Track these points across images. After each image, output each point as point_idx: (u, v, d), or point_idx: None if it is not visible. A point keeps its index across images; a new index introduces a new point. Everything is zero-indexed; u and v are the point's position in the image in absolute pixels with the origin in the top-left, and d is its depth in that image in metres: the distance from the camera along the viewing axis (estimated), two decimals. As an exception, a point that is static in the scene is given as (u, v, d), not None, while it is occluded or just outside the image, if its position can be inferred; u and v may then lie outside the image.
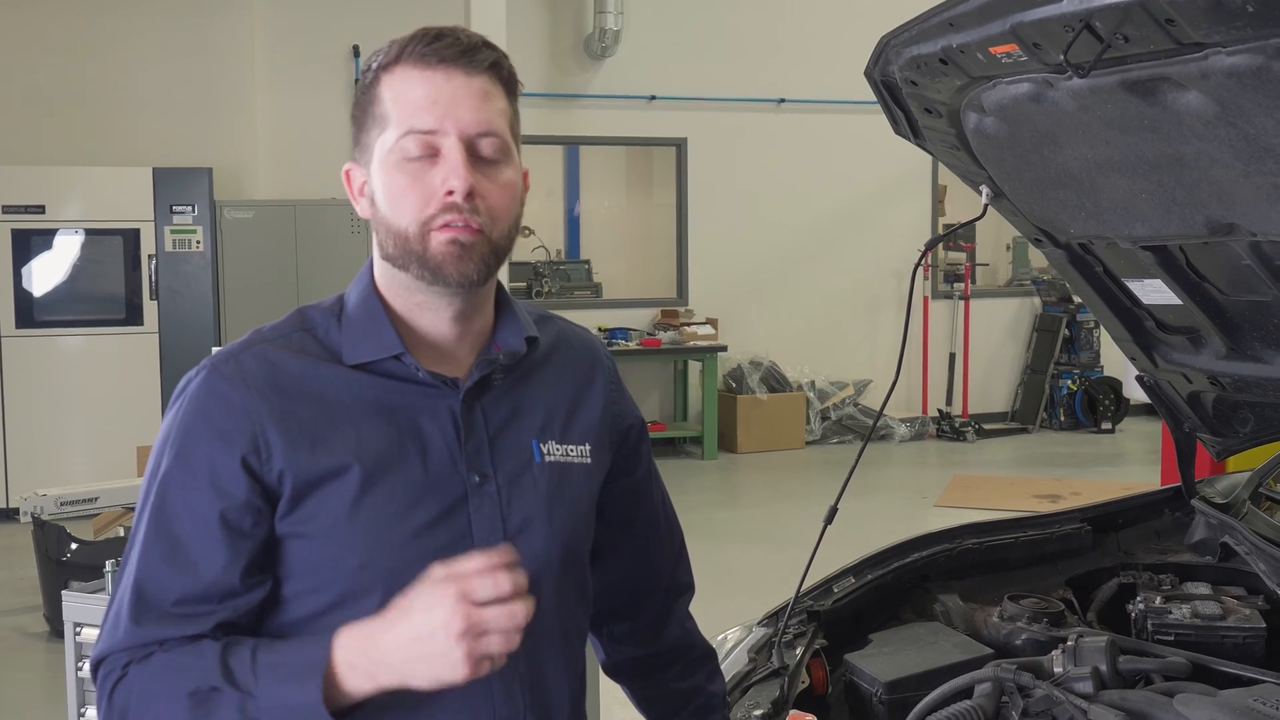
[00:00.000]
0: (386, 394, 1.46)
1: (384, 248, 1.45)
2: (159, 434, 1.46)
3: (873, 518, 7.56)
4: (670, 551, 1.82)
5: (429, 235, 1.40)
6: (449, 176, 1.39)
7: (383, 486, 1.43)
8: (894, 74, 2.15)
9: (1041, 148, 2.07)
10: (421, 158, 1.40)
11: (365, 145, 1.45)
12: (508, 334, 1.54)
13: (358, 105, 1.47)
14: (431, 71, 1.41)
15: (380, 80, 1.43)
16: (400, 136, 1.40)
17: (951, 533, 2.65)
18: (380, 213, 1.43)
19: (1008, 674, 2.06)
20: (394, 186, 1.41)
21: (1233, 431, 2.61)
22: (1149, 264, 2.24)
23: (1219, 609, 2.36)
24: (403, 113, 1.40)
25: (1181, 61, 1.62)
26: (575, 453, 1.59)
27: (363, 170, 1.46)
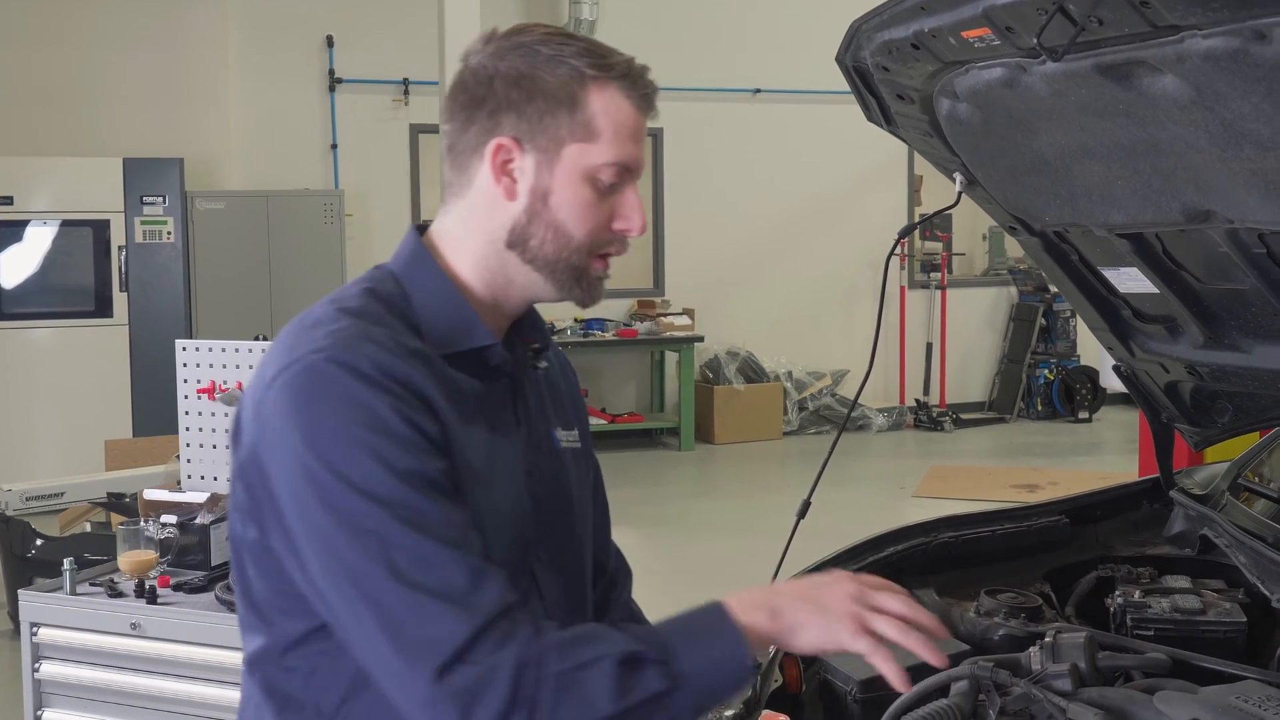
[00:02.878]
0: (477, 384, 1.45)
1: (530, 244, 1.43)
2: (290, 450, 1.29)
3: (850, 509, 7.53)
4: (608, 537, 1.83)
5: (593, 258, 1.45)
6: (632, 216, 1.45)
7: (491, 483, 1.42)
8: (865, 60, 2.11)
9: (1015, 134, 2.03)
10: (612, 185, 1.43)
11: (542, 133, 1.41)
12: (535, 328, 1.58)
13: (533, 82, 1.41)
14: (640, 109, 1.45)
15: (590, 87, 1.41)
16: (609, 163, 1.42)
17: (927, 526, 2.61)
18: (554, 215, 1.42)
19: (984, 672, 2.02)
20: (584, 200, 1.42)
21: (1211, 422, 2.58)
22: (1125, 252, 2.20)
23: (1199, 603, 2.33)
24: (617, 140, 1.42)
25: (1157, 45, 1.58)
26: (572, 439, 1.63)
27: (529, 156, 1.42)
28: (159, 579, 3.06)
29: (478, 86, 1.42)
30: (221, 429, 3.42)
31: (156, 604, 2.95)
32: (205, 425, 3.44)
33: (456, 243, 1.47)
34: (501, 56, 1.42)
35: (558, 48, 1.41)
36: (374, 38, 9.75)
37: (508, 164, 1.42)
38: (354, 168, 9.76)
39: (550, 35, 1.43)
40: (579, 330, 9.90)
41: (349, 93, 9.80)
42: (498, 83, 1.41)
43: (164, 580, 3.06)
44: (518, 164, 1.42)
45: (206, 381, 3.39)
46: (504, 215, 1.43)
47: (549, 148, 1.41)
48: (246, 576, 1.40)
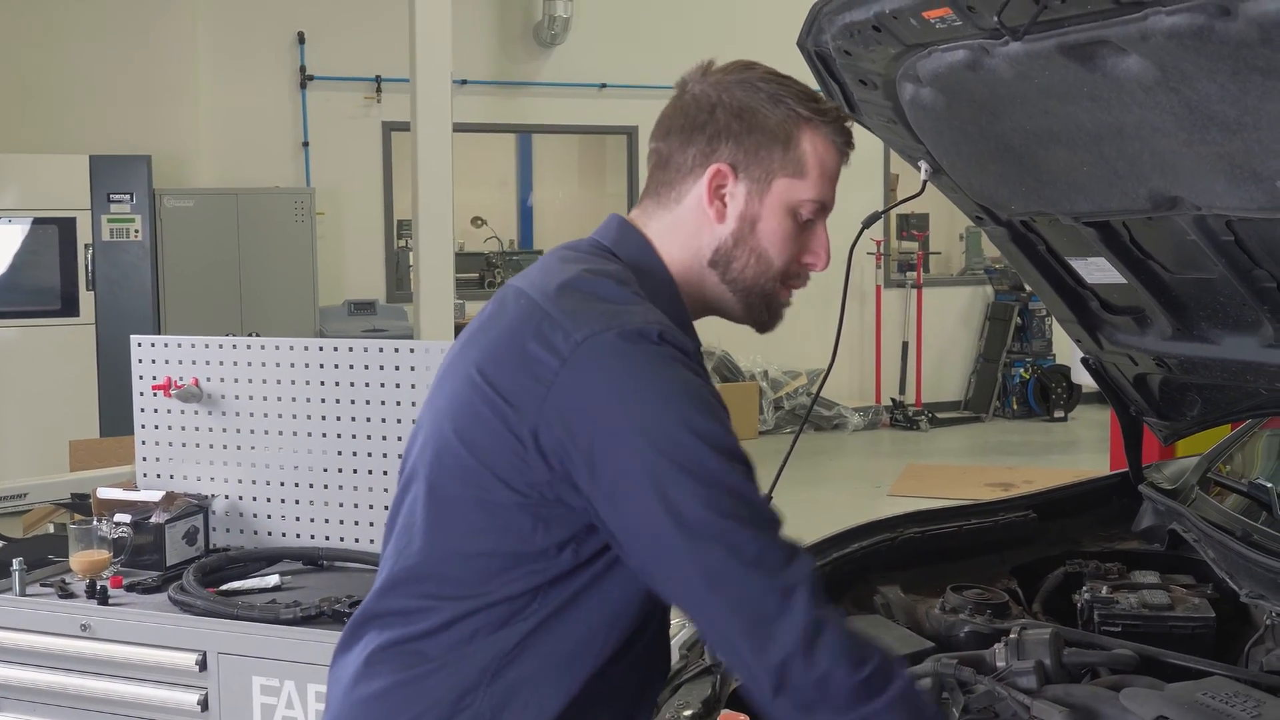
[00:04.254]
0: None
1: (732, 265, 1.54)
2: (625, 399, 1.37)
3: (825, 507, 7.51)
4: None
5: (782, 287, 1.57)
6: (820, 252, 1.58)
7: None
8: (827, 44, 2.06)
9: (979, 119, 1.99)
10: (808, 221, 1.55)
11: (756, 165, 1.52)
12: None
13: (754, 115, 1.52)
14: (842, 154, 1.57)
15: (804, 128, 1.52)
16: (813, 200, 1.54)
17: (893, 521, 2.57)
18: (759, 242, 1.53)
19: (948, 669, 1.98)
20: (786, 231, 1.54)
21: (1180, 415, 2.55)
22: (1092, 241, 2.16)
23: (1167, 598, 2.30)
24: (822, 181, 1.54)
25: (1121, 22, 1.53)
26: None
27: (741, 184, 1.52)
28: (112, 579, 2.99)
29: (699, 112, 1.54)
30: (178, 426, 3.35)
31: (108, 605, 2.88)
32: (161, 423, 3.37)
33: (662, 250, 1.56)
34: (725, 89, 1.53)
35: (778, 88, 1.53)
36: (346, 34, 9.67)
37: (721, 189, 1.53)
38: (326, 165, 9.67)
39: (771, 76, 1.54)
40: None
41: (320, 90, 9.72)
42: (720, 112, 1.52)
43: (117, 581, 2.99)
44: (730, 190, 1.52)
45: (163, 378, 3.32)
46: (711, 235, 1.53)
47: (762, 178, 1.52)
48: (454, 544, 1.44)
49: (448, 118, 8.00)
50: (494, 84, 9.84)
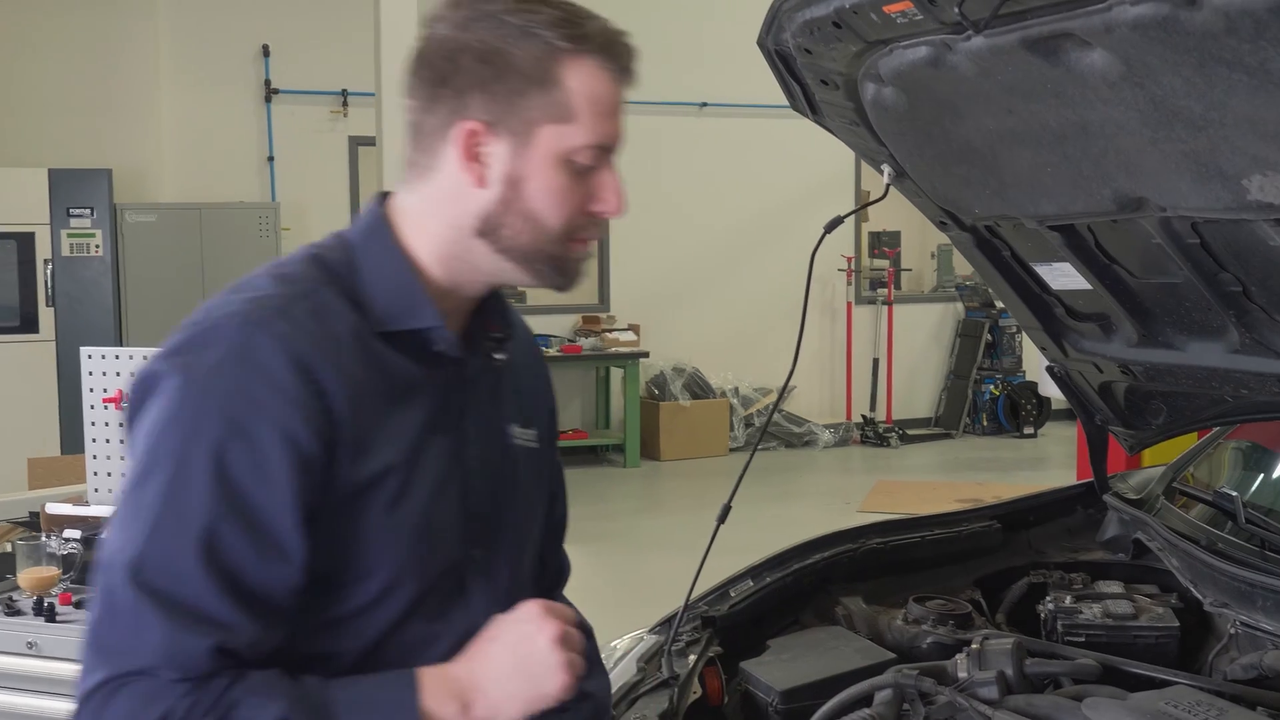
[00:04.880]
0: (413, 369, 1.35)
1: (502, 233, 1.33)
2: (163, 407, 1.24)
3: (795, 524, 7.45)
4: (559, 540, 1.73)
5: (571, 243, 1.36)
6: (610, 197, 1.36)
7: (417, 480, 1.34)
8: (787, 42, 2.02)
9: (942, 119, 1.96)
10: (589, 166, 1.34)
11: (513, 115, 1.30)
12: (501, 313, 1.48)
13: (502, 57, 1.29)
14: (619, 81, 1.36)
15: (564, 63, 1.30)
16: (588, 145, 1.32)
17: (855, 532, 2.53)
18: (526, 204, 1.32)
19: (908, 680, 1.95)
20: (557, 184, 1.33)
21: (1145, 424, 2.52)
22: (1057, 246, 2.14)
23: (1131, 608, 2.27)
24: (597, 120, 1.32)
25: (1084, 14, 1.51)
26: (529, 438, 1.54)
27: (501, 141, 1.31)
28: (61, 596, 2.91)
29: (442, 61, 1.32)
30: (130, 437, 3.27)
31: (55, 622, 2.81)
32: (113, 436, 3.30)
33: (418, 222, 1.37)
34: (467, 27, 1.30)
35: (528, 17, 1.30)
36: (311, 48, 9.59)
37: (477, 149, 1.32)
38: (291, 180, 9.58)
39: (520, 3, 1.31)
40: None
41: (286, 103, 9.63)
42: (464, 58, 1.30)
43: (66, 598, 2.91)
44: (488, 149, 1.31)
45: (114, 390, 3.25)
46: (473, 203, 1.33)
47: (522, 131, 1.31)
48: None
49: (415, 132, 7.92)
50: (464, 99, 9.79)
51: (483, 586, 1.41)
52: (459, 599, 1.39)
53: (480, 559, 1.42)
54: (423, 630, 1.35)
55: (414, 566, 1.33)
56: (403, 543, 1.32)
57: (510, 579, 1.46)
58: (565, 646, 1.30)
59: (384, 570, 1.31)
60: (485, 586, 1.42)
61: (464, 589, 1.40)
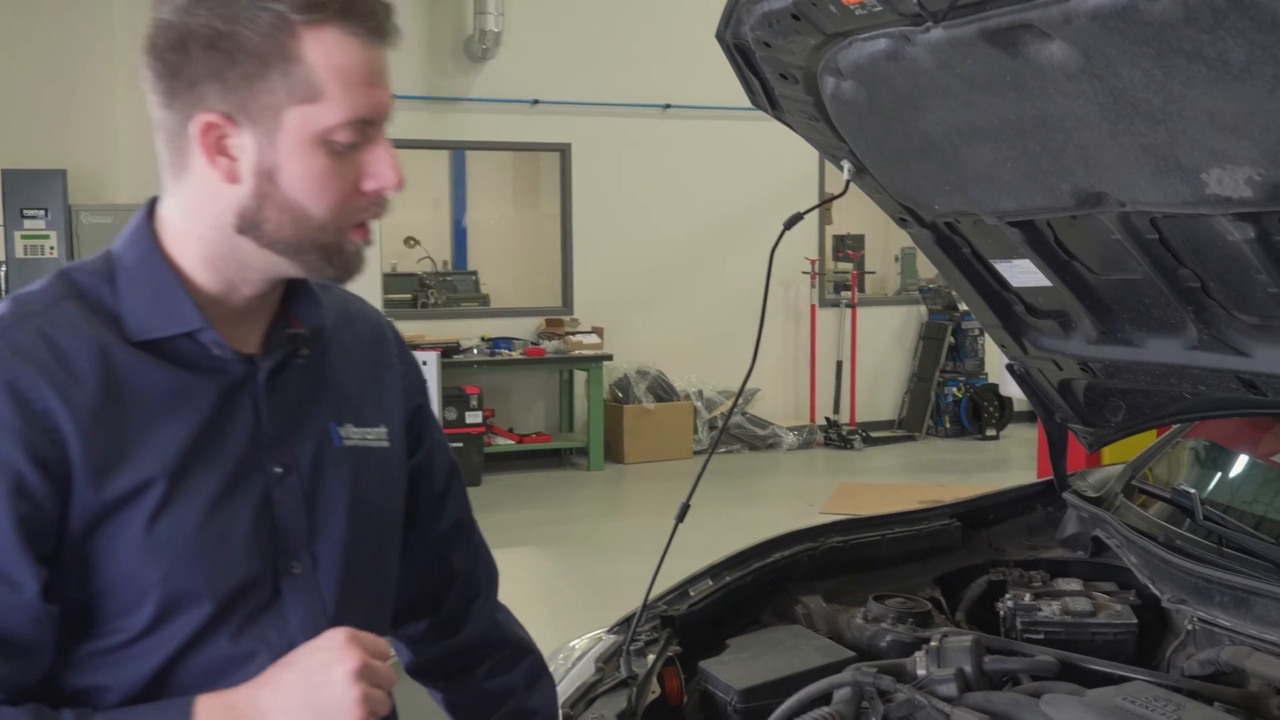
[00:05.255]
0: (180, 379, 1.27)
1: (265, 228, 1.24)
2: None
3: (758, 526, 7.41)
4: (463, 542, 1.65)
5: (347, 232, 1.26)
6: (385, 172, 1.26)
7: (184, 496, 1.24)
8: (746, 35, 2.00)
9: (902, 114, 1.95)
10: (354, 144, 1.23)
11: (254, 102, 1.20)
12: (307, 306, 1.37)
13: (233, 41, 1.19)
14: (370, 45, 1.23)
15: (300, 35, 1.19)
16: (343, 123, 1.21)
17: (815, 531, 2.52)
18: (285, 195, 1.22)
19: (867, 678, 1.94)
20: (318, 170, 1.22)
21: (1104, 421, 2.52)
22: (1017, 242, 2.13)
23: (1090, 605, 2.27)
24: (346, 93, 1.21)
25: (1044, 4, 1.50)
26: (373, 435, 1.43)
27: (245, 131, 1.21)
28: None
29: (170, 52, 1.21)
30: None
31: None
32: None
33: (178, 228, 1.28)
34: (192, 10, 1.19)
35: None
36: (273, 47, 9.52)
37: (222, 142, 1.22)
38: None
39: None
40: (485, 349, 9.74)
41: (246, 104, 9.55)
42: (192, 45, 1.19)
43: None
44: (234, 141, 1.22)
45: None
46: (229, 199, 1.23)
47: (265, 118, 1.20)
48: None
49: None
50: (424, 99, 9.73)
51: (302, 602, 1.32)
52: (272, 616, 1.30)
53: (299, 572, 1.33)
54: (228, 650, 1.27)
55: (198, 584, 1.25)
56: (173, 560, 1.23)
57: (340, 593, 1.35)
58: (366, 680, 1.20)
59: (156, 591, 1.23)
60: (305, 602, 1.32)
61: (278, 606, 1.31)
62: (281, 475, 1.32)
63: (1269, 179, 1.55)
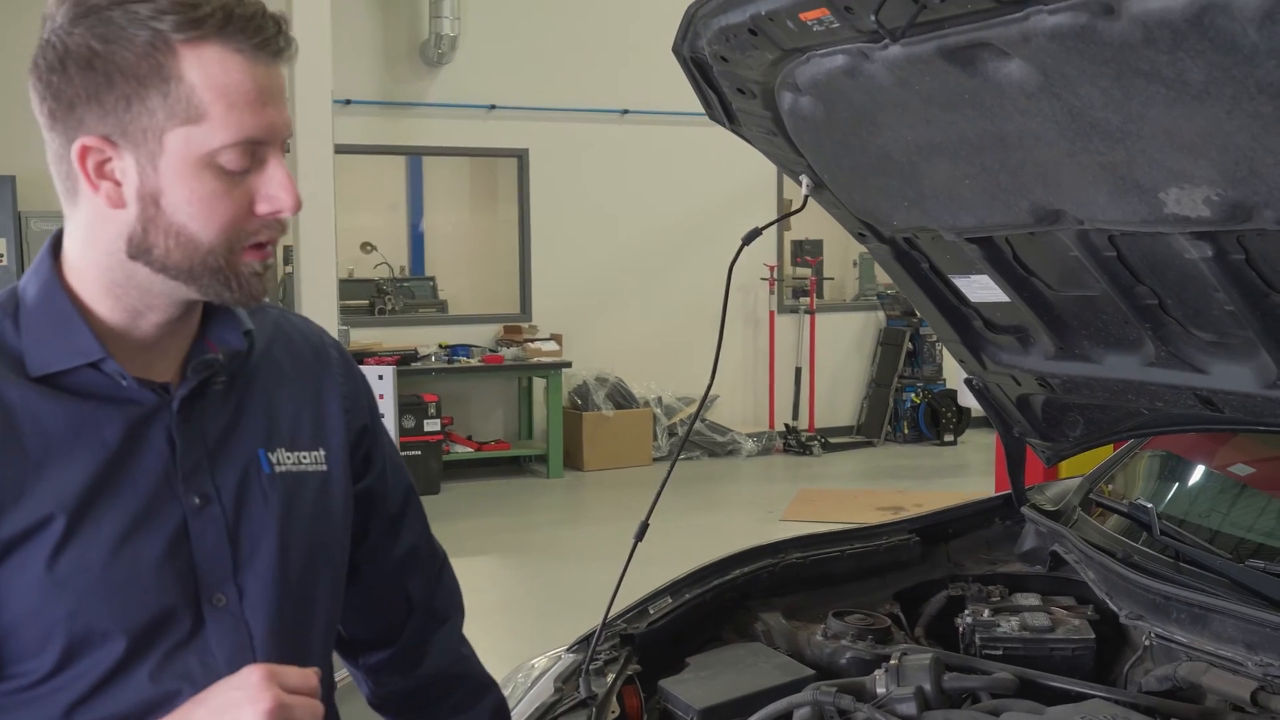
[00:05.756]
0: (84, 410, 1.23)
1: (155, 253, 1.20)
2: None
3: (717, 533, 7.46)
4: (421, 570, 1.61)
5: (239, 253, 1.22)
6: (279, 194, 1.21)
7: (88, 531, 1.21)
8: (703, 50, 1.99)
9: (860, 129, 1.94)
10: (244, 167, 1.20)
11: (133, 123, 1.17)
12: (224, 329, 1.33)
13: (108, 61, 1.16)
14: (257, 62, 1.18)
15: (179, 54, 1.15)
16: (230, 144, 1.17)
17: (775, 547, 2.50)
18: (170, 219, 1.19)
19: (827, 697, 1.92)
20: (205, 194, 1.18)
21: (1062, 436, 2.52)
22: (975, 258, 2.12)
23: (1048, 620, 2.27)
24: (231, 113, 1.17)
25: (1002, 23, 1.49)
26: (309, 460, 1.39)
27: (127, 154, 1.18)
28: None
29: (50, 73, 1.18)
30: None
31: None
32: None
33: (76, 257, 1.25)
34: (71, 29, 1.16)
35: (132, 8, 1.14)
36: (229, 50, 9.42)
37: (104, 166, 1.18)
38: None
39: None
40: (443, 357, 9.68)
41: (202, 107, 9.44)
42: (70, 66, 1.16)
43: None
44: (116, 165, 1.18)
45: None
46: (117, 225, 1.20)
47: (147, 140, 1.17)
48: None
49: (329, 139, 7.80)
50: (380, 104, 9.64)
51: (227, 636, 1.28)
52: (195, 651, 1.26)
53: (223, 604, 1.29)
54: (149, 691, 1.23)
55: (105, 621, 1.21)
56: (78, 598, 1.19)
57: (270, 624, 1.31)
58: (281, 708, 1.14)
59: (61, 629, 1.19)
60: (230, 635, 1.28)
61: (201, 639, 1.27)
62: (200, 506, 1.28)
63: (1226, 199, 1.55)
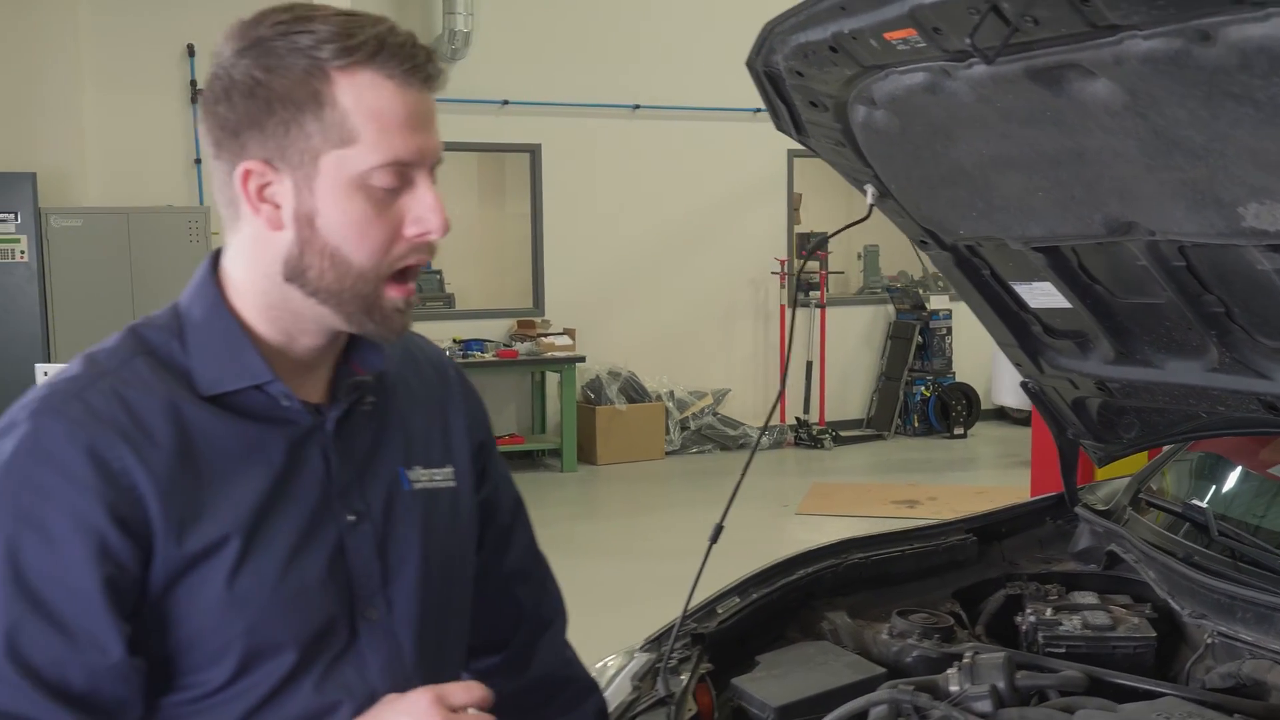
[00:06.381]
0: (251, 432, 1.29)
1: (309, 275, 1.25)
2: None
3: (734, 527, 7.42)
4: (530, 578, 1.68)
5: (386, 284, 1.26)
6: (427, 215, 1.25)
7: (262, 548, 1.27)
8: (778, 64, 2.03)
9: (934, 142, 1.98)
10: (394, 189, 1.24)
11: (292, 148, 1.22)
12: (368, 352, 1.39)
13: (269, 90, 1.22)
14: (408, 89, 1.23)
15: (332, 78, 1.21)
16: (381, 165, 1.22)
17: (837, 547, 2.55)
18: (324, 240, 1.23)
19: (905, 695, 1.97)
20: (357, 216, 1.23)
21: (1116, 437, 2.57)
22: (1039, 266, 2.17)
23: (1109, 619, 2.31)
24: (382, 136, 1.22)
25: (1094, 46, 1.53)
26: (441, 476, 1.46)
27: (285, 176, 1.23)
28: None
29: (216, 104, 1.25)
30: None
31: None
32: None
33: (239, 276, 1.31)
34: (236, 61, 1.23)
35: (295, 39, 1.21)
36: (241, 49, 9.43)
37: (264, 190, 1.24)
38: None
39: (285, 22, 1.23)
40: (458, 351, 9.72)
41: (214, 106, 9.46)
42: (235, 96, 1.23)
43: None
44: (276, 188, 1.24)
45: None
46: (276, 247, 1.26)
47: (303, 163, 1.22)
48: None
49: (351, 135, 7.83)
50: (395, 101, 9.67)
51: (380, 647, 1.34)
52: (352, 663, 1.32)
53: (375, 618, 1.35)
54: (314, 701, 1.29)
55: (281, 635, 1.27)
56: (256, 613, 1.25)
57: (417, 635, 1.38)
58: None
59: (239, 643, 1.25)
60: (383, 647, 1.35)
61: (356, 651, 1.33)
62: (354, 523, 1.34)
63: (1307, 214, 1.59)
